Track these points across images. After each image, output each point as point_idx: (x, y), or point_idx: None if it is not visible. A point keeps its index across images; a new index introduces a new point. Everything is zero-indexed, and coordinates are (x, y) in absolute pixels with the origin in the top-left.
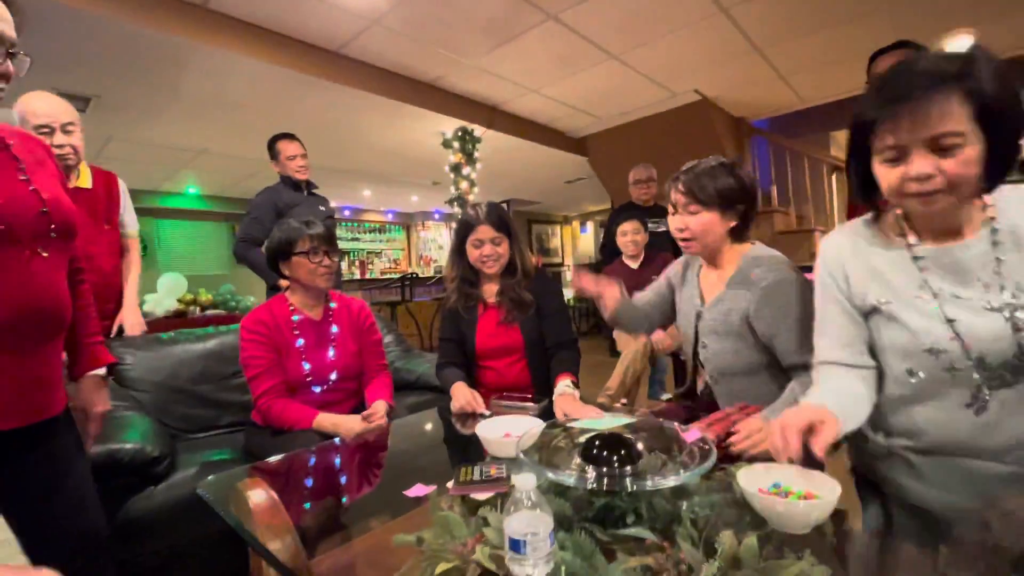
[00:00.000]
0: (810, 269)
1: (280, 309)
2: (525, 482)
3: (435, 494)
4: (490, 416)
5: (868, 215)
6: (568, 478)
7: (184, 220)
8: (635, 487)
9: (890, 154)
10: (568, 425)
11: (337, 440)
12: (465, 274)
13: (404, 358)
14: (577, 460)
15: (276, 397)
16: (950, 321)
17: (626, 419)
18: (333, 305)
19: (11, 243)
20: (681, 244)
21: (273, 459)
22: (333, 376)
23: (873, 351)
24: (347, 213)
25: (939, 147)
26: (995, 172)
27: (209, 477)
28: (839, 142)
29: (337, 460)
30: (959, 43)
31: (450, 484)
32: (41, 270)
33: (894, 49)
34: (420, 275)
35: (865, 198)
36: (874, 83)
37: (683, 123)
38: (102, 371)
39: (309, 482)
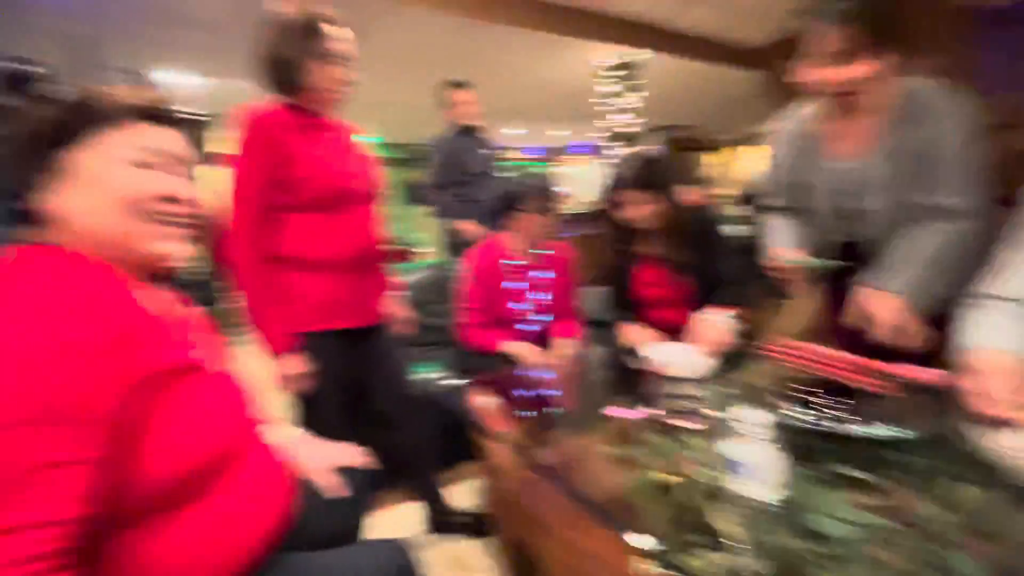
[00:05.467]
0: None
1: (499, 252)
2: (755, 416)
3: (643, 419)
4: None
5: None
6: (805, 416)
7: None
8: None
9: None
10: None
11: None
12: (616, 233)
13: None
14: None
15: (478, 327)
16: None
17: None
18: (550, 252)
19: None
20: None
21: (486, 375)
22: (543, 316)
23: None
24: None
25: None
26: None
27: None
28: None
29: (539, 378)
30: None
31: (648, 410)
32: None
33: None
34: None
35: None
36: None
37: None
38: None
39: (517, 393)
